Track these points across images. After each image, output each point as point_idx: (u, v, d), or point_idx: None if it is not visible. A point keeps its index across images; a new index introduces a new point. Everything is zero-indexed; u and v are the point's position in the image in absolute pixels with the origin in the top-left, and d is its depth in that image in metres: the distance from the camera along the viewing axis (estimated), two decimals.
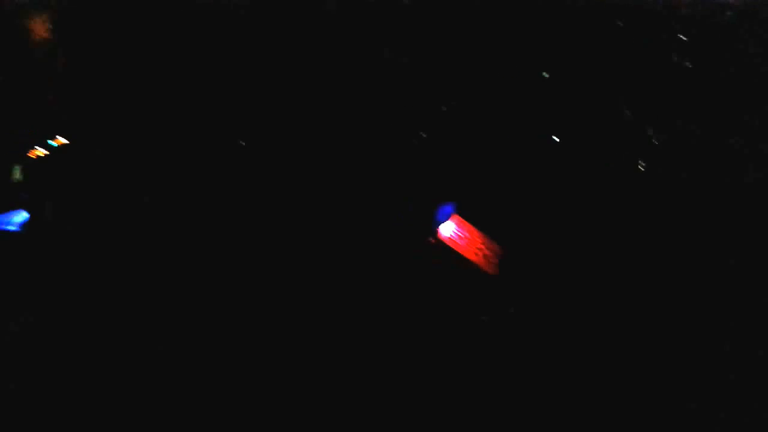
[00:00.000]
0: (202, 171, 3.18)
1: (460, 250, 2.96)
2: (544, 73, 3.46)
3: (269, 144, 3.31)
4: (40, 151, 3.11)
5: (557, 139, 3.29)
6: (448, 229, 2.98)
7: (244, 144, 3.29)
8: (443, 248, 2.96)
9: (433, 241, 2.97)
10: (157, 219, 3.07)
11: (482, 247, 3.03)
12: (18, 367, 3.03)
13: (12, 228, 3.25)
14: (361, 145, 3.26)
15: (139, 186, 3.14)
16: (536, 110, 3.35)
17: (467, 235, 3.02)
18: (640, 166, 3.27)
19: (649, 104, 3.44)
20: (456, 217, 3.01)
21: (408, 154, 3.22)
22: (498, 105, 3.33)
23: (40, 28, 4.31)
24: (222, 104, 3.30)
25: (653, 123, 3.39)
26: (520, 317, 3.02)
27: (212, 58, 3.40)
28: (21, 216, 3.28)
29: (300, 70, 3.45)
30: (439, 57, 3.51)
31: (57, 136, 3.15)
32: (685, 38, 3.58)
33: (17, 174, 3.10)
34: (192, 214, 3.14)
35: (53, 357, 3.06)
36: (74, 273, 3.20)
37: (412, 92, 3.42)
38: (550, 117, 3.35)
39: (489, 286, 3.01)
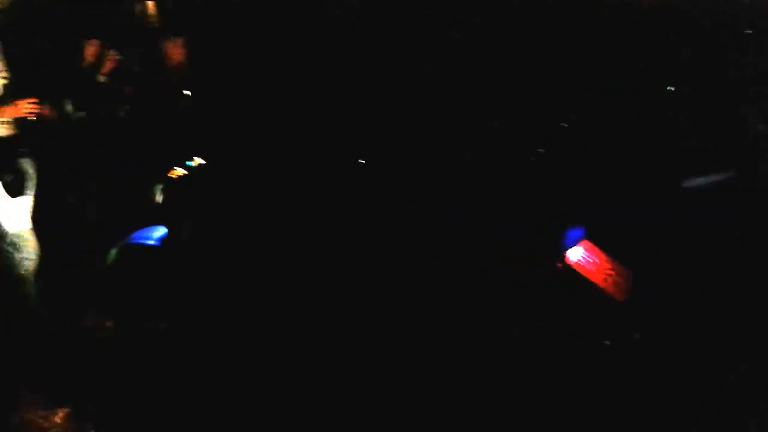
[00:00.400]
0: (333, 187, 3.25)
1: (588, 275, 2.92)
2: (669, 87, 3.35)
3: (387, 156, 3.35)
4: (180, 171, 3.26)
5: (686, 161, 3.20)
6: (576, 253, 2.94)
7: (363, 162, 3.35)
8: (571, 273, 2.93)
9: (561, 265, 2.94)
10: (291, 236, 3.16)
11: (611, 272, 2.98)
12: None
13: (151, 242, 3.43)
14: (486, 165, 3.25)
15: (273, 204, 3.25)
16: (666, 130, 3.25)
17: (596, 260, 2.98)
18: None
19: None
20: (585, 242, 2.97)
21: (531, 175, 3.19)
22: (626, 125, 3.26)
23: (175, 51, 4.47)
24: (353, 127, 3.36)
25: None
26: (645, 343, 2.97)
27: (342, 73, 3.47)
28: (160, 231, 3.45)
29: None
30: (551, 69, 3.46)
31: (195, 157, 3.30)
32: None
33: (158, 193, 3.26)
34: (324, 231, 3.22)
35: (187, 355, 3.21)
36: (209, 284, 3.35)
37: (530, 107, 3.38)
38: (680, 136, 3.25)
39: (616, 312, 2.97)
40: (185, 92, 4.03)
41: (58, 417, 3.40)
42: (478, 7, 3.63)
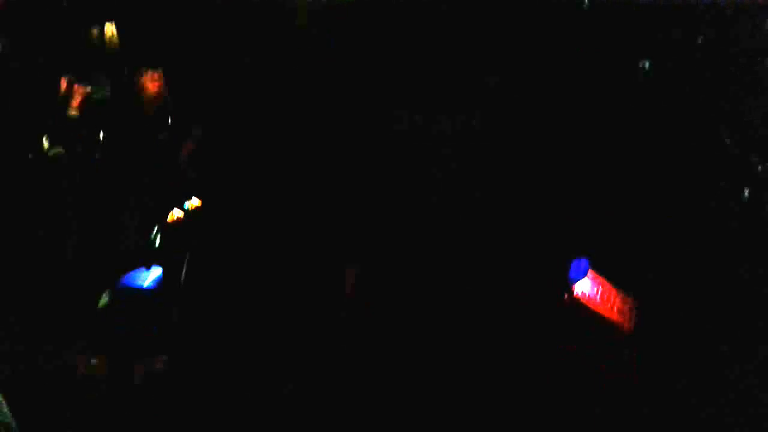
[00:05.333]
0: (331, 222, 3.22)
1: (595, 308, 2.95)
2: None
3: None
4: (177, 214, 3.20)
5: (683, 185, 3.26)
6: (583, 286, 2.97)
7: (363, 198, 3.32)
8: (578, 306, 2.95)
9: (568, 298, 2.96)
10: (290, 279, 3.13)
11: (617, 301, 3.02)
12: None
13: (145, 285, 3.35)
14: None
15: (271, 246, 3.21)
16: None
17: (601, 289, 3.01)
18: None
19: None
20: (591, 272, 3.00)
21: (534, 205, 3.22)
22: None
23: (146, 78, 4.39)
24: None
25: None
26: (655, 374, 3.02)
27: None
28: (153, 274, 3.37)
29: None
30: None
31: (191, 199, 3.24)
32: None
33: (156, 237, 3.20)
34: (324, 269, 3.19)
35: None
36: (205, 330, 3.29)
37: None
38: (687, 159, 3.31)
39: (625, 343, 3.00)
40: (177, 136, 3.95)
41: None
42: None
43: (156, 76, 4.48)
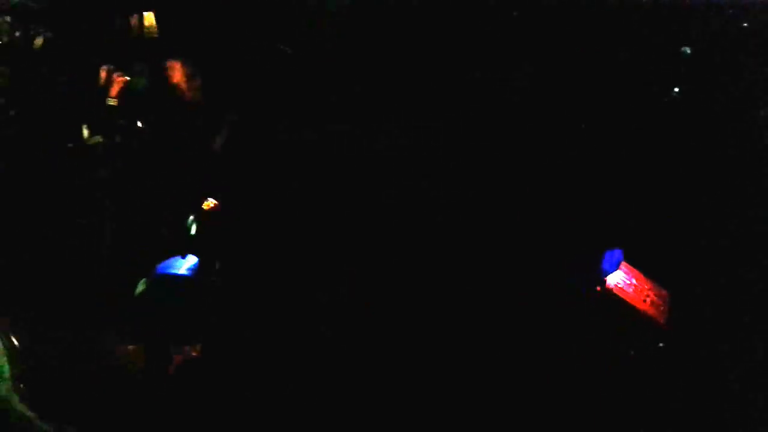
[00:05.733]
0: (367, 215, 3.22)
1: (629, 299, 2.92)
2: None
3: None
4: (212, 202, 3.25)
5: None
6: (616, 277, 2.94)
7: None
8: (611, 298, 2.93)
9: (600, 290, 2.94)
10: (326, 271, 3.14)
11: (650, 293, 2.99)
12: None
13: (182, 272, 3.40)
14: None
15: (306, 235, 3.23)
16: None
17: (635, 281, 2.98)
18: None
19: None
20: (624, 264, 2.97)
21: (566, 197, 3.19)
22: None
23: (182, 66, 4.41)
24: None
25: None
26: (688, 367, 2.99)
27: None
28: (189, 261, 3.42)
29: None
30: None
31: (226, 188, 3.28)
32: None
33: (191, 226, 3.24)
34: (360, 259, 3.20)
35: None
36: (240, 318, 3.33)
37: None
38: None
39: (658, 335, 2.97)
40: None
41: None
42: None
43: (190, 66, 4.53)
